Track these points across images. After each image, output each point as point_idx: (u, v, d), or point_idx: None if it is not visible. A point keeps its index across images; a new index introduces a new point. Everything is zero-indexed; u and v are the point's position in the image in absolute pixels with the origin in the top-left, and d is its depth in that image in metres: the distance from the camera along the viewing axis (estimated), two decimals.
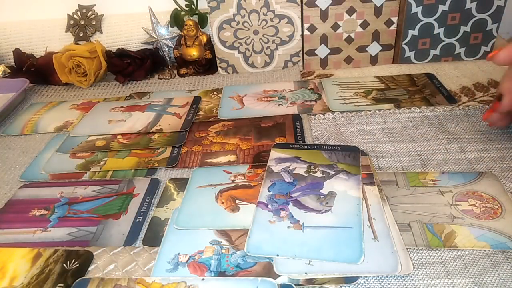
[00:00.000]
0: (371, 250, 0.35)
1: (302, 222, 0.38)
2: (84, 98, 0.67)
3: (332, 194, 0.41)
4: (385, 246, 0.35)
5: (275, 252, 0.35)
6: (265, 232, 0.37)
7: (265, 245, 0.36)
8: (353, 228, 0.37)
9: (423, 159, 0.46)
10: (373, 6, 0.63)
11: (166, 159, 0.49)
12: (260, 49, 0.67)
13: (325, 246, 0.35)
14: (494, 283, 0.32)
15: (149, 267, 0.36)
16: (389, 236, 0.36)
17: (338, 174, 0.43)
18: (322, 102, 0.58)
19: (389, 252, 0.35)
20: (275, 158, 0.47)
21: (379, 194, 0.41)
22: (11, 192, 0.47)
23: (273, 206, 0.40)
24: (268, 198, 0.41)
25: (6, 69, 0.73)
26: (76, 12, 0.74)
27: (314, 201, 0.40)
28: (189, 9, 0.70)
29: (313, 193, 0.41)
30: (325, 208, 0.39)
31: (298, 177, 0.43)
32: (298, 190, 0.42)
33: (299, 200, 0.40)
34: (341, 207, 0.39)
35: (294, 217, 0.38)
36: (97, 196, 0.45)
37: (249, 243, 0.36)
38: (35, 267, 0.37)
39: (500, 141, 0.47)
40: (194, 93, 0.64)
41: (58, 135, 0.57)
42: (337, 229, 0.37)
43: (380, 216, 0.38)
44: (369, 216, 0.38)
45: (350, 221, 0.37)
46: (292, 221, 0.38)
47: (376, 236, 0.36)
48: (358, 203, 0.39)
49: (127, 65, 0.69)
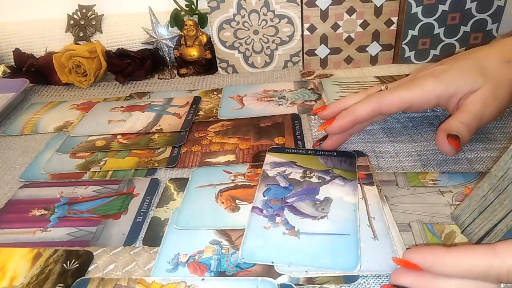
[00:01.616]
0: (371, 249, 0.35)
1: (298, 228, 0.37)
2: (84, 98, 0.67)
3: (328, 200, 0.40)
4: (385, 245, 0.35)
5: (270, 259, 0.34)
6: (260, 238, 0.36)
7: (259, 252, 0.35)
8: (349, 235, 0.36)
9: (423, 159, 0.46)
10: (373, 6, 0.63)
11: (166, 159, 0.49)
12: (260, 49, 0.67)
13: (321, 253, 0.35)
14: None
15: (149, 267, 0.36)
16: (388, 236, 0.36)
17: (334, 179, 0.43)
18: (322, 102, 0.58)
19: (389, 251, 0.34)
20: (270, 162, 0.46)
21: (378, 194, 0.41)
22: (11, 192, 0.47)
23: (268, 212, 0.39)
24: (263, 203, 0.40)
25: (6, 69, 0.73)
26: (76, 12, 0.74)
27: (310, 207, 0.39)
28: (189, 9, 0.70)
29: (308, 198, 0.40)
30: (321, 214, 0.38)
31: (294, 182, 0.43)
32: (294, 195, 0.41)
33: (294, 206, 0.40)
34: (337, 214, 0.38)
35: (290, 223, 0.38)
36: (97, 196, 0.45)
37: (243, 249, 0.35)
38: (35, 267, 0.37)
39: (500, 141, 0.47)
40: (194, 93, 0.64)
41: (58, 135, 0.57)
42: (333, 236, 0.36)
43: (379, 215, 0.38)
44: (369, 215, 0.38)
45: (346, 227, 0.37)
46: (288, 227, 0.37)
47: (376, 235, 0.36)
48: (355, 209, 0.39)
49: (127, 65, 0.69)
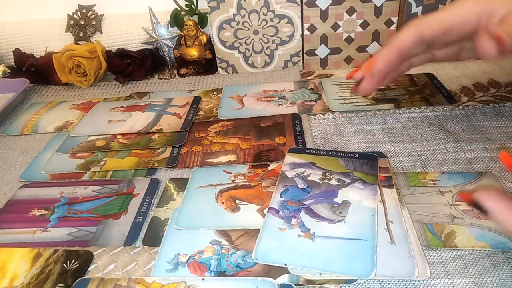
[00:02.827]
0: (387, 253, 0.34)
1: (313, 231, 0.37)
2: (84, 98, 0.67)
3: (346, 203, 0.39)
4: (402, 250, 0.34)
5: (283, 261, 0.34)
6: (274, 240, 0.36)
7: (273, 253, 0.35)
8: (366, 240, 0.35)
9: (423, 159, 0.46)
10: (373, 6, 0.63)
11: (166, 159, 0.49)
12: (260, 49, 0.67)
13: (335, 258, 0.34)
14: (494, 283, 0.32)
15: (149, 267, 0.36)
16: (406, 240, 0.35)
17: (354, 182, 0.42)
18: (322, 102, 0.58)
19: (406, 257, 0.34)
20: (290, 163, 0.45)
21: (397, 197, 0.40)
22: (11, 192, 0.47)
23: (284, 213, 0.39)
24: (280, 204, 0.40)
25: (6, 69, 0.73)
26: (76, 12, 0.74)
27: (327, 210, 0.39)
28: (189, 9, 0.70)
29: (326, 201, 0.40)
30: (338, 218, 0.38)
31: (312, 183, 0.42)
32: (311, 197, 0.40)
33: (311, 208, 0.39)
34: (355, 218, 0.38)
35: (305, 225, 0.37)
36: (97, 196, 0.45)
37: (257, 250, 0.35)
38: (35, 267, 0.37)
39: (500, 141, 0.47)
40: (194, 93, 0.64)
41: (58, 135, 0.57)
42: (349, 241, 0.35)
43: (398, 219, 0.37)
44: (387, 219, 0.37)
45: (363, 233, 0.36)
46: (303, 230, 0.37)
47: (393, 239, 0.35)
48: (373, 214, 0.38)
49: (127, 65, 0.69)
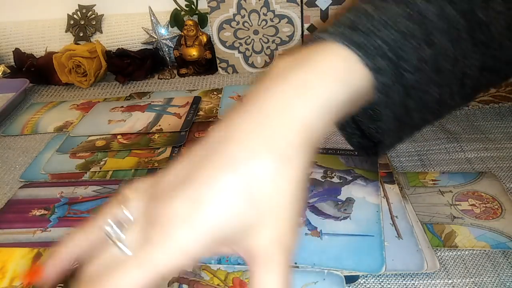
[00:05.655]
0: (395, 248, 0.35)
1: (320, 229, 0.37)
2: (84, 98, 0.67)
3: (350, 200, 0.39)
4: (409, 244, 0.35)
5: (293, 260, 0.34)
6: None
7: None
8: (373, 236, 0.35)
9: (423, 159, 0.46)
10: None
11: (166, 159, 0.49)
12: (260, 49, 0.67)
13: (345, 254, 0.34)
14: (494, 283, 0.32)
15: None
16: (413, 234, 0.36)
17: (356, 180, 0.42)
18: None
19: (414, 250, 0.34)
20: None
21: (399, 192, 0.40)
22: (11, 192, 0.47)
23: None
24: None
25: (6, 69, 0.73)
26: (76, 12, 0.74)
27: (332, 208, 0.39)
28: (189, 9, 0.70)
29: (330, 199, 0.40)
30: (343, 215, 0.38)
31: (315, 182, 0.42)
32: (315, 195, 0.41)
33: (316, 206, 0.39)
34: (360, 214, 0.38)
35: (312, 223, 0.37)
36: (97, 196, 0.45)
37: None
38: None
39: (500, 141, 0.47)
40: (194, 93, 0.64)
41: (58, 135, 0.57)
42: (357, 237, 0.36)
43: (402, 214, 0.38)
44: (391, 214, 0.38)
45: (370, 229, 0.36)
46: (310, 228, 0.37)
47: (400, 234, 0.36)
48: (378, 210, 0.38)
49: (127, 65, 0.69)
